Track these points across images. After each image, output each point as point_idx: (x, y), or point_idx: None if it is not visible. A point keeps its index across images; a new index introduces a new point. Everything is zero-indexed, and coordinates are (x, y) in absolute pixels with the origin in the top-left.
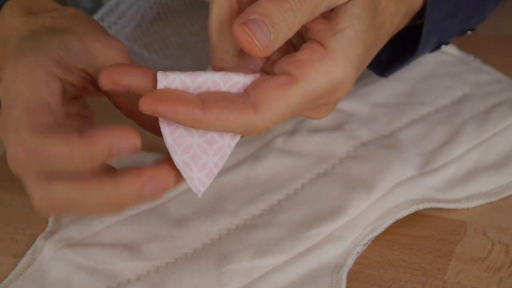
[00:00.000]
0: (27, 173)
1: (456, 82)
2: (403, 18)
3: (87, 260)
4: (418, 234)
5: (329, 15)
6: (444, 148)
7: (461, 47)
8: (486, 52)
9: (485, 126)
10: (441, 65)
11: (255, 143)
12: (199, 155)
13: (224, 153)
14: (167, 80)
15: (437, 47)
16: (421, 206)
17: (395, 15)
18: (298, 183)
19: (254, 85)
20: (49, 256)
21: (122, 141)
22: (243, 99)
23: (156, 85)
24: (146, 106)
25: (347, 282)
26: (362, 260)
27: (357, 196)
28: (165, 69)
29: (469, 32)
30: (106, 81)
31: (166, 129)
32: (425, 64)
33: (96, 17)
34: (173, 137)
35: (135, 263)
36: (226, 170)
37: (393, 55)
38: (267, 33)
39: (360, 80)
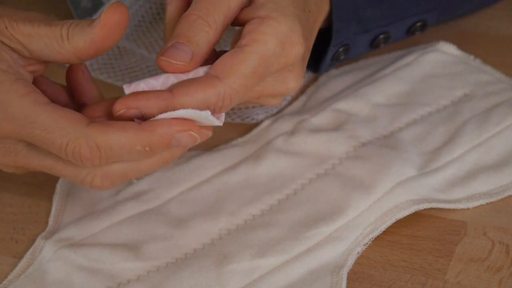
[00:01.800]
0: (85, 165)
1: (456, 82)
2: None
3: (87, 260)
4: (418, 234)
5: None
6: (445, 148)
7: (461, 47)
8: (486, 52)
9: (485, 126)
10: (441, 65)
11: (255, 143)
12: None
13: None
14: (131, 87)
15: (374, 38)
16: (421, 206)
17: None
18: (298, 183)
19: (212, 66)
20: (49, 256)
21: (182, 132)
22: (206, 75)
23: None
24: (118, 107)
25: (347, 282)
26: (362, 260)
27: (357, 196)
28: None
29: (417, 33)
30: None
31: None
32: (425, 64)
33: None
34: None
35: (135, 263)
36: (226, 170)
37: (318, 49)
38: (186, 50)
39: (360, 80)
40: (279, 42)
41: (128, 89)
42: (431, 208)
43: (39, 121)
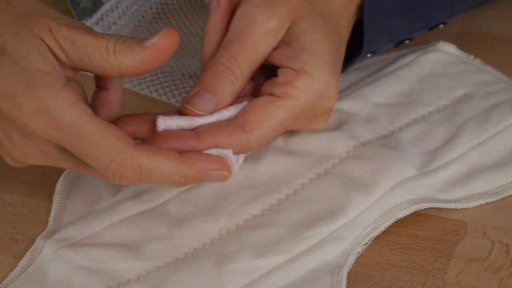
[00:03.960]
0: (121, 182)
1: (456, 82)
2: (354, 12)
3: (87, 260)
4: (418, 234)
5: (287, 40)
6: (445, 148)
7: (461, 47)
8: (486, 52)
9: (485, 126)
10: (441, 65)
11: None
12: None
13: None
14: (166, 124)
15: (400, 42)
16: (421, 206)
17: (345, 11)
18: (298, 183)
19: (241, 110)
20: (49, 256)
21: (217, 170)
22: (233, 122)
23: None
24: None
25: (347, 282)
26: (362, 260)
27: (357, 196)
28: (166, 70)
29: (440, 26)
30: None
31: None
32: (425, 64)
33: (96, 17)
34: None
35: (135, 263)
36: None
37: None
38: (210, 98)
39: (360, 80)
40: (311, 99)
41: (161, 125)
42: (431, 208)
43: (87, 133)
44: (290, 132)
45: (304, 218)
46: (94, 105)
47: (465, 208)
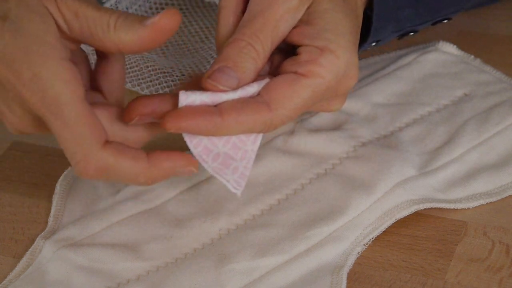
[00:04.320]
0: (81, 176)
1: (456, 82)
2: None
3: (86, 260)
4: (418, 234)
5: (307, 19)
6: (445, 148)
7: (461, 47)
8: (486, 52)
9: (485, 126)
10: (441, 65)
11: None
12: (228, 161)
13: (249, 158)
14: (188, 100)
15: (404, 34)
16: (422, 206)
17: None
18: (298, 183)
19: (265, 87)
20: (49, 256)
21: (184, 167)
22: (257, 99)
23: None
24: (168, 125)
25: (347, 282)
26: (362, 260)
27: (357, 196)
28: (166, 70)
29: (445, 21)
30: (133, 115)
31: (191, 143)
32: (425, 64)
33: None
34: (198, 149)
35: (135, 263)
36: None
37: None
38: (233, 75)
39: (360, 80)
40: (335, 77)
41: (183, 100)
42: (431, 208)
43: (66, 115)
44: (290, 132)
45: (304, 218)
46: (95, 73)
47: (465, 208)
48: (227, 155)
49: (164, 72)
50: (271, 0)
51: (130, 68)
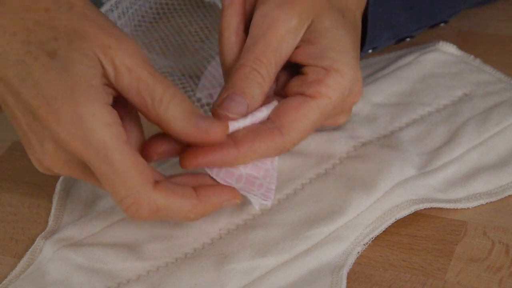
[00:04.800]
0: (135, 219)
1: (456, 82)
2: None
3: (87, 260)
4: (418, 234)
5: (309, 38)
6: (445, 148)
7: (461, 47)
8: (486, 52)
9: (485, 126)
10: (441, 65)
11: None
12: (252, 179)
13: (272, 175)
14: None
15: (400, 40)
16: (422, 206)
17: (358, 5)
18: (298, 183)
19: (275, 111)
20: (49, 256)
21: (230, 201)
22: (268, 125)
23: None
24: (186, 163)
25: (347, 282)
26: (362, 260)
27: (357, 196)
28: (166, 70)
29: (441, 24)
30: (152, 156)
31: (212, 172)
32: (425, 64)
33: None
34: (221, 175)
35: (135, 263)
36: None
37: None
38: (242, 101)
39: None
40: (341, 96)
41: None
42: (431, 208)
43: (112, 158)
44: None
45: (304, 218)
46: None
47: (465, 208)
48: (250, 175)
49: (164, 72)
50: (271, 23)
51: None
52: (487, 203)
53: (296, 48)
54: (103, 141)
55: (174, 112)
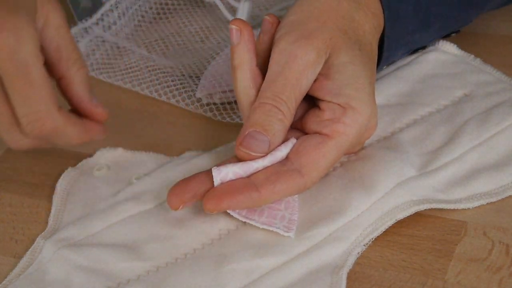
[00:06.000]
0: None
1: (456, 82)
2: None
3: (87, 260)
4: (418, 234)
5: (327, 73)
6: (445, 148)
7: (461, 47)
8: (486, 52)
9: (485, 126)
10: (441, 65)
11: None
12: (273, 212)
13: (293, 206)
14: (221, 174)
15: (416, 50)
16: (422, 207)
17: (375, 34)
18: None
19: (294, 151)
20: (49, 256)
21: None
22: (288, 167)
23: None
24: (209, 207)
25: (347, 283)
26: (362, 260)
27: (358, 196)
28: (166, 70)
29: (453, 35)
30: (177, 204)
31: (234, 212)
32: (425, 64)
33: (96, 17)
34: (243, 213)
35: (135, 263)
36: None
37: None
38: (263, 139)
39: None
40: (358, 132)
41: (217, 176)
42: (431, 208)
43: (32, 74)
44: None
45: (304, 219)
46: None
47: (465, 208)
48: (271, 208)
49: (164, 72)
50: (289, 58)
51: (130, 68)
52: (487, 203)
53: (314, 81)
54: (29, 56)
55: (81, 77)
